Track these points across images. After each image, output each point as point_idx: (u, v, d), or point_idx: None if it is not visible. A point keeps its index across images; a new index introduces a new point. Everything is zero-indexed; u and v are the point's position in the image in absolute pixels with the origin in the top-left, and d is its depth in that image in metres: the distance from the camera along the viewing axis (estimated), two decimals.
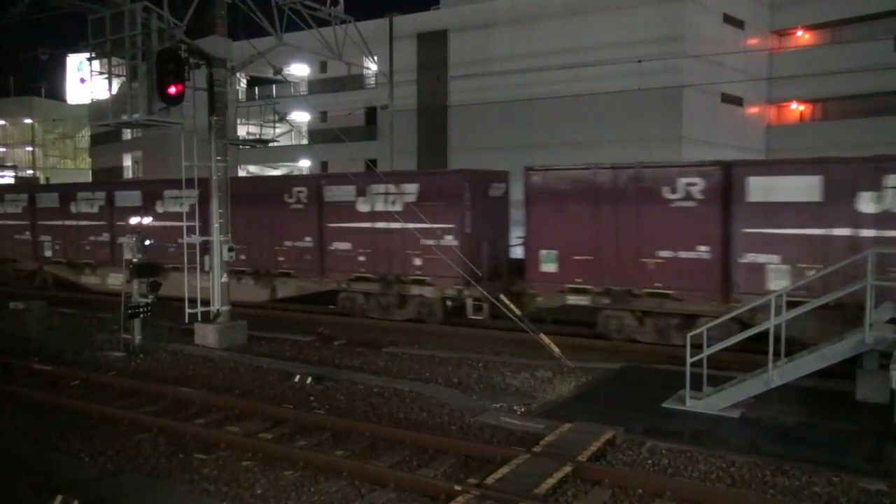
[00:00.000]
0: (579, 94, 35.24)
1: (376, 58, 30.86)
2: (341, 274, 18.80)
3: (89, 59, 14.54)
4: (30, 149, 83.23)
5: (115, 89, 13.85)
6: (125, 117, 13.32)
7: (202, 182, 15.56)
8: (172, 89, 12.75)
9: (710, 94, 36.81)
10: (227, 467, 8.69)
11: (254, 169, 50.97)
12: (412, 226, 17.02)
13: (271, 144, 28.23)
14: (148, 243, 15.04)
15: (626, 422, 9.80)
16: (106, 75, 13.79)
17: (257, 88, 51.57)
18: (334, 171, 35.07)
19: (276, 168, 51.01)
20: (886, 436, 9.27)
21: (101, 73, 13.98)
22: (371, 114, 46.57)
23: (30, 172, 74.42)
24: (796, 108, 43.27)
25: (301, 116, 50.53)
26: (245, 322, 16.17)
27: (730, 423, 9.99)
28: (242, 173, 46.08)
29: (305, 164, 49.33)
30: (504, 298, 15.11)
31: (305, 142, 51.65)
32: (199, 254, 15.38)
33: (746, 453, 8.73)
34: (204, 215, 15.76)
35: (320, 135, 47.85)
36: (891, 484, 7.76)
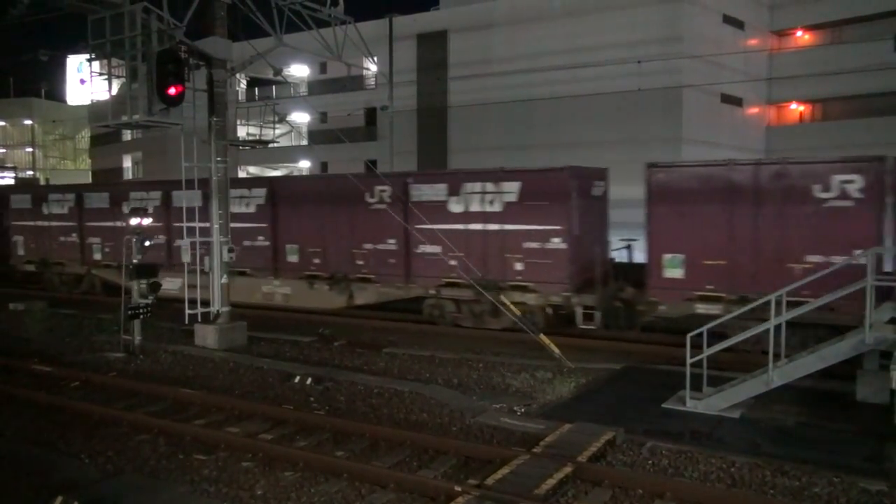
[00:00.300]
0: (579, 95, 35.27)
1: (376, 58, 30.86)
2: (429, 279, 17.33)
3: (89, 60, 14.53)
4: (30, 150, 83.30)
5: (114, 90, 13.86)
6: (125, 118, 13.32)
7: (270, 182, 14.70)
8: (172, 90, 12.75)
9: (709, 94, 36.86)
10: (227, 468, 8.69)
11: (254, 170, 51.00)
12: (514, 227, 15.97)
13: (271, 145, 28.18)
14: (148, 244, 15.04)
15: (627, 422, 9.80)
16: (106, 76, 13.79)
17: (257, 89, 51.63)
18: (334, 172, 35.02)
19: (276, 169, 51.03)
20: (886, 436, 9.26)
21: (100, 74, 13.97)
22: (371, 114, 46.61)
23: (30, 173, 74.48)
24: (796, 108, 43.31)
25: (301, 117, 50.57)
26: (245, 323, 16.16)
27: (730, 423, 9.98)
28: (242, 174, 46.09)
29: (305, 165, 49.37)
30: (504, 299, 15.13)
31: (305, 142, 51.69)
32: (273, 256, 14.47)
33: (746, 454, 8.72)
34: (270, 216, 14.97)
35: (320, 135, 47.91)
36: (891, 484, 7.76)
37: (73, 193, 24.28)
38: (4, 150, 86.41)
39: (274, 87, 49.92)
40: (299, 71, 50.53)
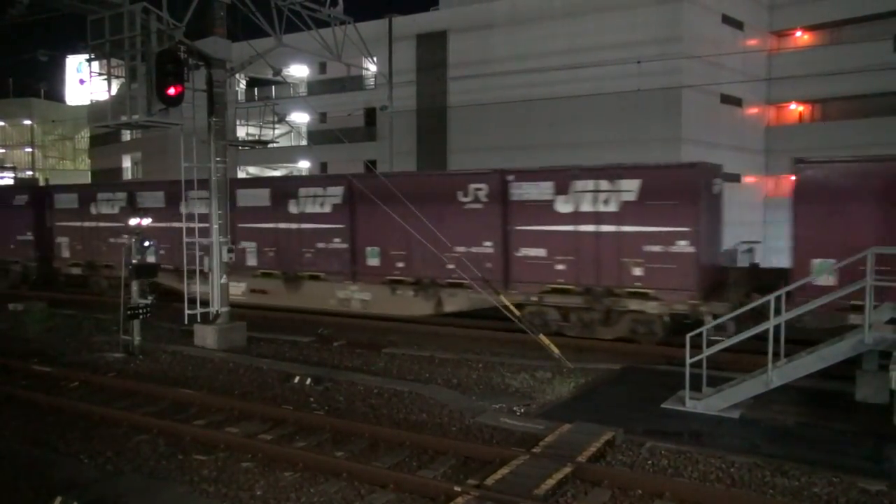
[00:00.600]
0: (579, 95, 35.28)
1: (376, 59, 30.89)
2: (531, 285, 15.99)
3: (88, 61, 14.54)
4: (29, 150, 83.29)
5: (114, 90, 13.86)
6: (124, 118, 13.33)
7: (349, 180, 14.21)
8: (172, 90, 12.76)
9: (709, 94, 36.85)
10: (226, 468, 8.69)
11: (253, 170, 50.98)
12: (632, 229, 14.77)
13: (271, 145, 28.18)
14: (147, 244, 15.05)
15: (626, 422, 9.80)
16: (105, 76, 13.80)
17: (257, 89, 51.58)
18: (334, 172, 34.94)
19: (276, 169, 51.02)
20: (886, 436, 9.27)
21: (100, 75, 13.99)
22: (370, 115, 46.58)
23: (29, 174, 74.49)
24: (795, 108, 43.30)
25: (300, 117, 50.55)
26: (244, 323, 16.17)
27: (729, 423, 9.99)
28: (241, 174, 46.08)
29: (305, 165, 49.33)
30: (504, 299, 15.10)
31: (305, 143, 51.67)
32: (351, 259, 14.06)
33: (746, 454, 8.73)
34: (348, 216, 14.63)
35: (320, 136, 47.87)
36: (891, 484, 7.76)
37: (125, 192, 23.09)
38: (4, 151, 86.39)
39: (273, 87, 49.89)
40: (299, 71, 50.49)
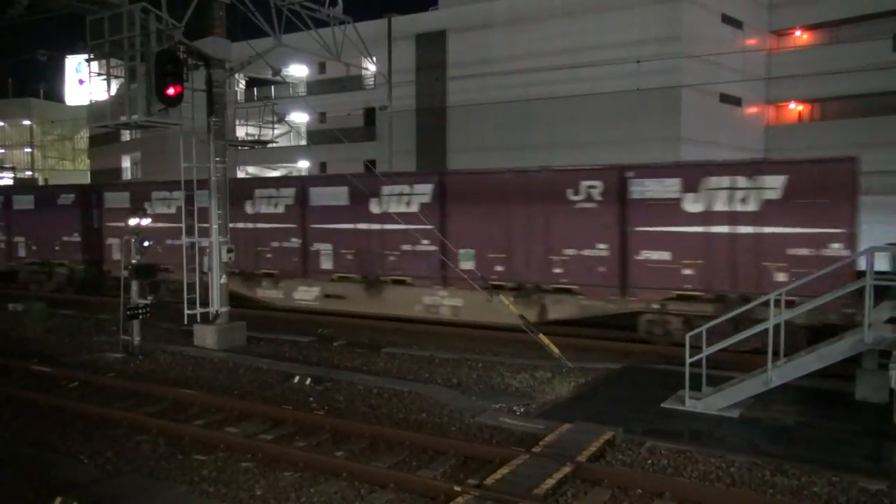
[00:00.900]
0: (578, 95, 35.30)
1: (375, 59, 30.89)
2: (653, 291, 14.83)
3: (88, 61, 14.54)
4: (28, 150, 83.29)
5: (113, 90, 13.85)
6: (124, 118, 13.31)
7: (440, 176, 14.23)
8: (171, 90, 12.74)
9: (708, 94, 36.90)
10: (226, 468, 8.68)
11: (252, 170, 50.99)
12: (775, 230, 13.62)
13: (270, 145, 28.18)
14: (147, 244, 15.03)
15: (626, 422, 9.80)
16: (104, 76, 13.78)
17: (256, 89, 51.61)
18: (334, 172, 34.91)
19: (276, 169, 51.04)
20: (886, 436, 9.27)
21: (99, 75, 13.97)
22: (370, 114, 46.62)
23: (28, 174, 74.51)
24: (795, 108, 43.35)
25: (300, 117, 50.58)
26: (244, 323, 16.16)
27: (729, 423, 9.99)
28: (241, 174, 46.08)
29: (304, 165, 49.35)
30: (505, 299, 15.08)
31: (304, 143, 51.69)
32: (441, 263, 14.21)
33: (746, 453, 8.72)
34: (438, 216, 14.59)
35: (319, 135, 47.90)
36: (891, 484, 7.76)
37: (183, 191, 22.10)
38: (3, 151, 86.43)
39: (273, 87, 49.92)
40: (298, 71, 50.52)
